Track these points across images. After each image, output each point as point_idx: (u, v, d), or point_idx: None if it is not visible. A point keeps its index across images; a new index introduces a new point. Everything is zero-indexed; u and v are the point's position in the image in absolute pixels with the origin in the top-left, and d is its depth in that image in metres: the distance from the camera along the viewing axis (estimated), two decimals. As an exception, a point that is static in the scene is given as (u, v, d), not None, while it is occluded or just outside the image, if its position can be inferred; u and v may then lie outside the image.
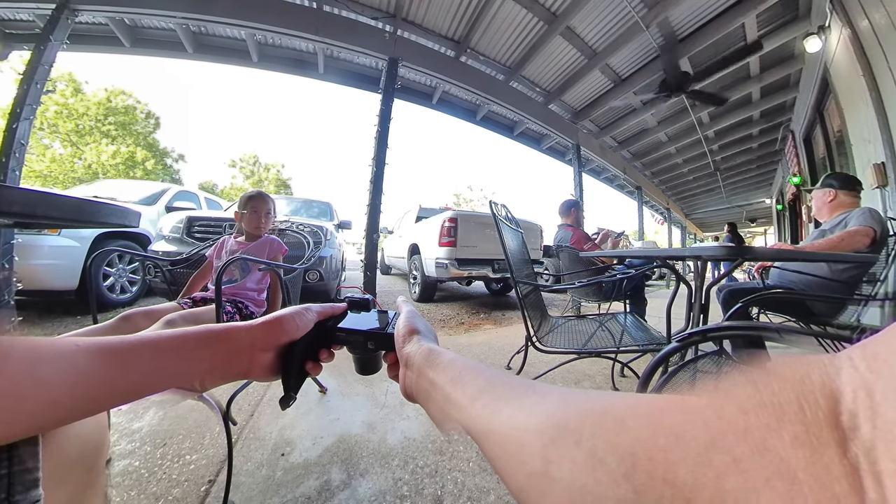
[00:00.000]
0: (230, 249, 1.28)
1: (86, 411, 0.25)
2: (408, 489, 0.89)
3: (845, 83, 2.79)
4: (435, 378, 0.26)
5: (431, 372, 0.27)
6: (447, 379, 0.25)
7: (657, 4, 3.18)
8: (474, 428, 0.21)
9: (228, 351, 0.32)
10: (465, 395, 0.23)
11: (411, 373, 0.30)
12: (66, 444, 0.32)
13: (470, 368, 0.25)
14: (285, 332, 0.35)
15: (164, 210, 3.82)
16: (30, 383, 0.22)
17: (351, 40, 2.73)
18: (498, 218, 1.25)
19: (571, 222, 2.78)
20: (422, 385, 0.28)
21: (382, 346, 0.37)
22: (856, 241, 1.61)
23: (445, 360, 0.27)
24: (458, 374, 0.25)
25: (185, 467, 0.92)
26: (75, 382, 0.23)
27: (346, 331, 0.38)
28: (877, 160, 2.25)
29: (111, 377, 0.25)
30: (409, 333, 0.33)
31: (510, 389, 0.21)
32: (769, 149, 7.12)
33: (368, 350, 0.37)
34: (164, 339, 0.29)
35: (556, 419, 0.16)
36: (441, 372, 0.26)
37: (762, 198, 10.97)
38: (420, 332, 0.33)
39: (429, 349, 0.30)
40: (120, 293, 3.01)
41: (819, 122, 4.00)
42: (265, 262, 1.10)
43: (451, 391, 0.24)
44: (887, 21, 2.00)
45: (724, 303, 1.92)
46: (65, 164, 14.83)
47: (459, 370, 0.25)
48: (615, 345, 1.25)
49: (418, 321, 0.35)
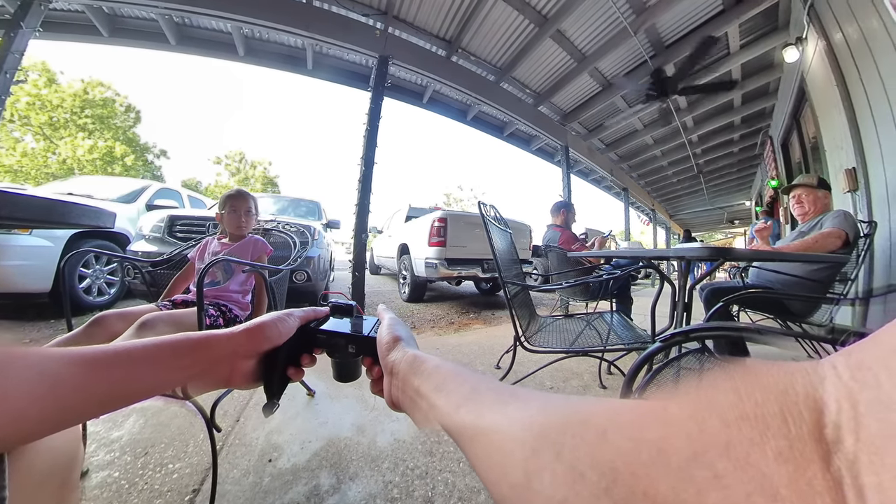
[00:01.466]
0: (213, 251, 1.24)
1: (56, 425, 0.24)
2: (398, 492, 0.88)
3: (820, 92, 2.92)
4: (420, 386, 0.26)
5: (416, 379, 0.27)
6: (432, 386, 0.25)
7: (645, 11, 3.25)
8: (459, 435, 0.21)
9: (209, 359, 0.31)
10: (450, 403, 0.23)
11: (396, 381, 0.29)
12: (35, 458, 0.30)
13: (454, 375, 0.25)
14: (267, 338, 0.34)
15: (145, 208, 3.68)
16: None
17: (341, 37, 2.69)
18: (486, 218, 1.25)
19: (560, 223, 2.82)
20: (407, 393, 0.27)
21: (363, 350, 0.36)
22: (829, 242, 1.70)
23: (430, 367, 0.27)
24: (443, 380, 0.25)
25: (167, 476, 0.89)
26: (44, 394, 0.22)
27: (328, 333, 0.37)
28: (848, 166, 2.35)
29: (83, 388, 0.24)
30: (392, 341, 0.33)
31: (494, 395, 0.21)
32: (749, 153, 7.38)
33: (349, 354, 0.37)
34: (140, 348, 0.27)
35: (537, 428, 0.16)
36: (426, 379, 0.26)
37: (742, 200, 11.36)
38: (403, 339, 0.33)
39: (413, 356, 0.29)
40: (97, 295, 2.89)
41: (796, 129, 4.16)
42: (249, 263, 1.07)
43: (435, 399, 0.24)
44: (860, 35, 2.10)
45: (706, 301, 1.99)
46: (37, 158, 14.13)
47: (444, 377, 0.25)
48: (602, 343, 1.28)
49: (401, 328, 0.35)
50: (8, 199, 0.45)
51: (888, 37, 1.79)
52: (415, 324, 3.17)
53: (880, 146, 2.04)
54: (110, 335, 0.85)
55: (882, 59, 1.91)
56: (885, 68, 1.89)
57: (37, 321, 2.45)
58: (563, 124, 5.20)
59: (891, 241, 1.93)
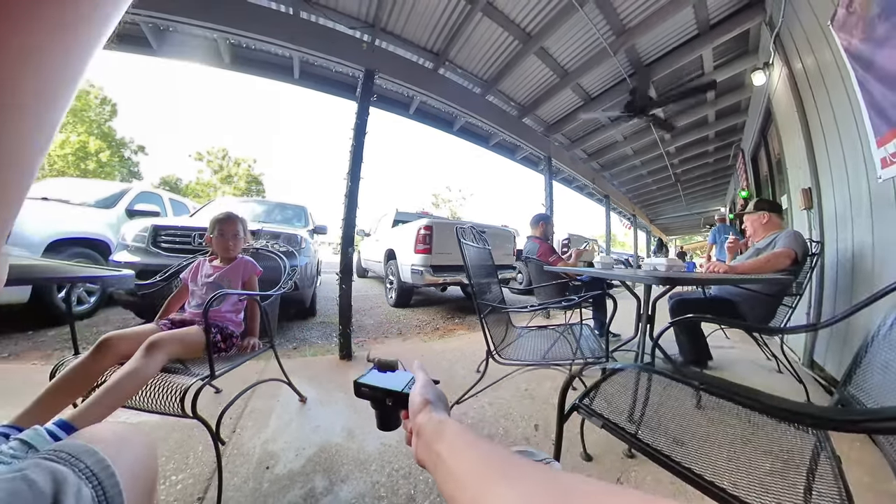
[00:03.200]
0: (206, 273, 1.29)
1: None
2: (384, 491, 0.98)
3: (783, 115, 3.13)
4: (441, 451, 0.29)
5: (438, 444, 0.30)
6: (448, 454, 0.28)
7: (624, 33, 3.42)
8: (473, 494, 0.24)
9: None
10: (461, 470, 0.26)
11: (422, 442, 0.32)
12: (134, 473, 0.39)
13: (468, 446, 0.28)
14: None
15: (125, 213, 3.61)
16: None
17: (327, 49, 2.72)
18: (463, 243, 1.35)
19: (539, 235, 2.95)
20: (431, 456, 0.30)
21: (399, 404, 0.41)
22: (779, 262, 1.90)
23: (450, 435, 0.30)
24: (459, 450, 0.28)
25: (172, 488, 0.96)
26: None
27: (370, 387, 0.42)
28: (805, 185, 2.54)
29: None
30: (422, 404, 0.36)
31: (500, 469, 0.24)
32: (723, 164, 7.77)
33: (387, 406, 0.42)
34: None
35: None
36: (446, 447, 0.29)
37: (718, 206, 11.89)
38: (432, 403, 0.36)
39: (438, 421, 0.33)
40: (77, 304, 2.84)
41: (763, 145, 4.43)
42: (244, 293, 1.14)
43: (451, 464, 0.27)
44: (815, 66, 2.27)
45: (672, 310, 2.18)
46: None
47: (461, 446, 0.28)
48: (571, 355, 1.40)
49: (431, 391, 0.39)
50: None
51: (837, 70, 1.95)
52: (401, 329, 3.24)
53: (830, 170, 2.22)
54: (118, 356, 0.91)
55: (833, 89, 2.07)
56: (835, 98, 2.05)
57: (12, 333, 2.39)
58: (547, 135, 5.36)
59: (837, 258, 2.12)
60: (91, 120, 15.81)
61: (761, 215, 2.21)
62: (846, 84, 1.87)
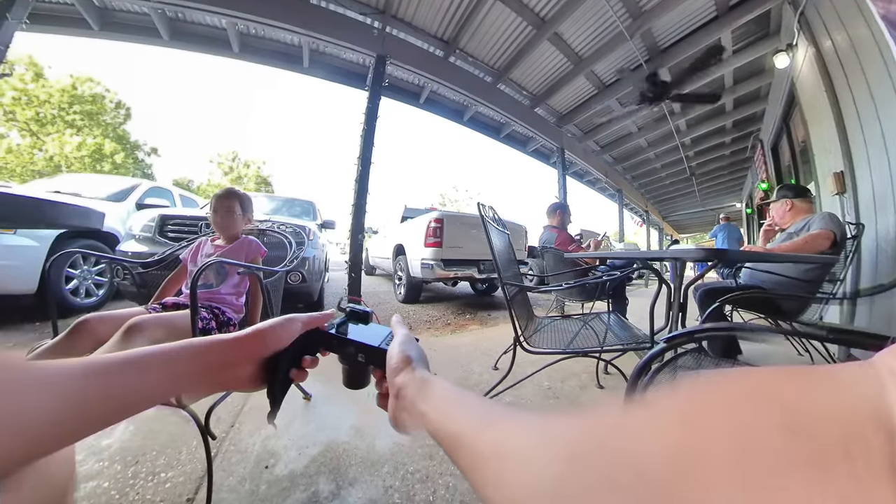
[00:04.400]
0: (206, 252, 1.21)
1: (64, 438, 0.23)
2: (399, 496, 0.87)
3: (809, 97, 2.97)
4: (427, 411, 0.26)
5: (422, 404, 0.27)
6: (438, 414, 0.26)
7: (641, 15, 3.29)
8: (474, 456, 0.21)
9: (212, 365, 0.31)
10: (455, 428, 0.23)
11: (404, 403, 0.30)
12: (29, 482, 0.29)
13: (461, 404, 0.25)
14: (270, 344, 0.34)
15: (135, 207, 3.61)
16: (6, 411, 0.19)
17: (338, 35, 2.66)
18: (486, 219, 1.25)
19: (557, 224, 2.84)
20: (413, 417, 0.28)
21: (373, 360, 0.36)
22: (818, 243, 1.75)
23: (438, 393, 0.27)
24: (451, 408, 0.25)
25: (160, 486, 0.86)
26: (54, 407, 0.22)
27: (340, 339, 0.37)
28: (836, 169, 2.40)
29: (95, 398, 0.24)
30: (403, 362, 0.32)
31: (504, 419, 0.22)
32: (740, 156, 7.52)
33: (358, 363, 0.37)
34: (138, 358, 0.27)
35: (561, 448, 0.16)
36: (433, 406, 0.27)
37: (733, 202, 11.57)
38: (414, 361, 0.33)
39: (422, 381, 0.30)
40: (85, 297, 2.82)
41: (785, 133, 4.24)
42: (243, 264, 1.04)
43: (440, 423, 0.25)
44: (848, 43, 2.14)
45: (701, 301, 2.03)
46: (23, 155, 13.78)
47: (451, 404, 0.26)
48: (599, 344, 1.28)
49: (412, 348, 0.35)
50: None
51: (875, 44, 1.83)
52: (411, 325, 3.15)
53: (867, 151, 2.09)
54: (94, 340, 0.82)
55: (869, 65, 1.95)
56: (873, 74, 1.94)
57: (22, 324, 2.37)
58: (559, 126, 5.23)
59: (877, 242, 1.98)
60: (106, 123, 16.16)
61: (784, 202, 2.05)
62: (885, 56, 1.76)
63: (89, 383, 0.23)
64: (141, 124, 26.74)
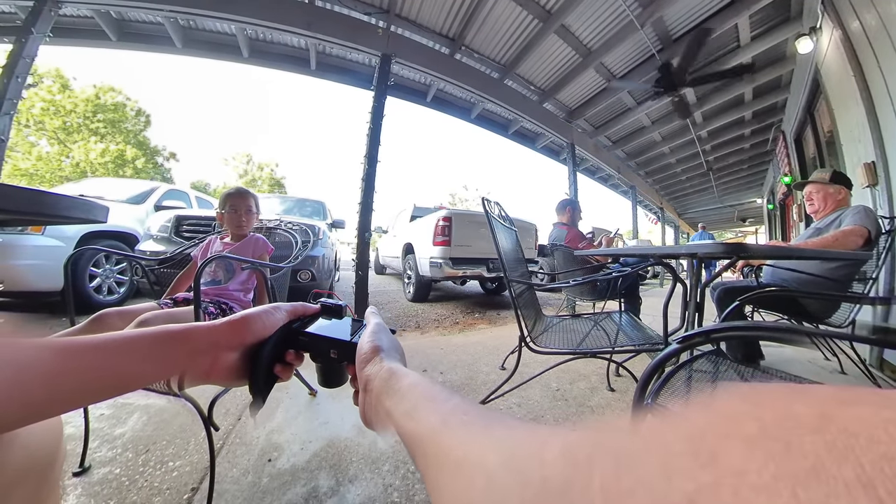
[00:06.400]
0: (216, 250, 1.24)
1: (23, 417, 0.22)
2: (398, 495, 0.86)
3: (836, 83, 2.81)
4: (391, 408, 0.24)
5: (388, 401, 0.25)
6: (402, 411, 0.23)
7: (651, 3, 3.19)
8: (434, 461, 0.19)
9: (188, 351, 0.30)
10: (418, 430, 0.21)
11: (370, 398, 0.27)
12: (9, 455, 0.29)
13: (427, 400, 0.23)
14: (251, 331, 0.32)
15: (153, 209, 3.74)
16: None
17: (343, 36, 2.69)
18: (491, 216, 1.22)
19: (567, 221, 2.78)
20: (379, 414, 0.26)
21: (345, 356, 0.34)
22: (850, 241, 1.60)
23: (404, 387, 0.25)
24: (414, 406, 0.23)
25: (167, 474, 0.89)
26: (8, 383, 0.21)
27: (309, 336, 0.35)
28: (867, 160, 2.26)
29: (54, 377, 0.23)
30: (371, 352, 0.30)
31: (479, 419, 0.20)
32: (760, 149, 7.21)
33: (331, 359, 0.35)
34: (114, 338, 0.26)
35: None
36: (398, 401, 0.24)
37: (753, 197, 11.12)
38: (383, 350, 0.31)
39: (389, 372, 0.27)
40: (107, 294, 2.94)
41: (810, 123, 4.04)
42: (249, 260, 1.06)
43: (404, 424, 0.22)
44: (878, 22, 2.01)
45: (719, 301, 1.92)
46: (52, 162, 14.50)
47: (416, 400, 0.23)
48: (610, 344, 1.24)
49: (383, 337, 0.33)
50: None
51: (908, 18, 1.72)
52: (419, 323, 3.15)
53: (902, 138, 1.96)
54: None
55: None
56: (906, 54, 1.82)
57: (49, 319, 2.50)
58: (569, 121, 5.13)
59: (915, 238, 1.84)
60: (127, 130, 16.85)
61: (838, 189, 1.82)
62: (919, 34, 1.62)
63: (46, 358, 0.23)
64: (160, 130, 27.72)
